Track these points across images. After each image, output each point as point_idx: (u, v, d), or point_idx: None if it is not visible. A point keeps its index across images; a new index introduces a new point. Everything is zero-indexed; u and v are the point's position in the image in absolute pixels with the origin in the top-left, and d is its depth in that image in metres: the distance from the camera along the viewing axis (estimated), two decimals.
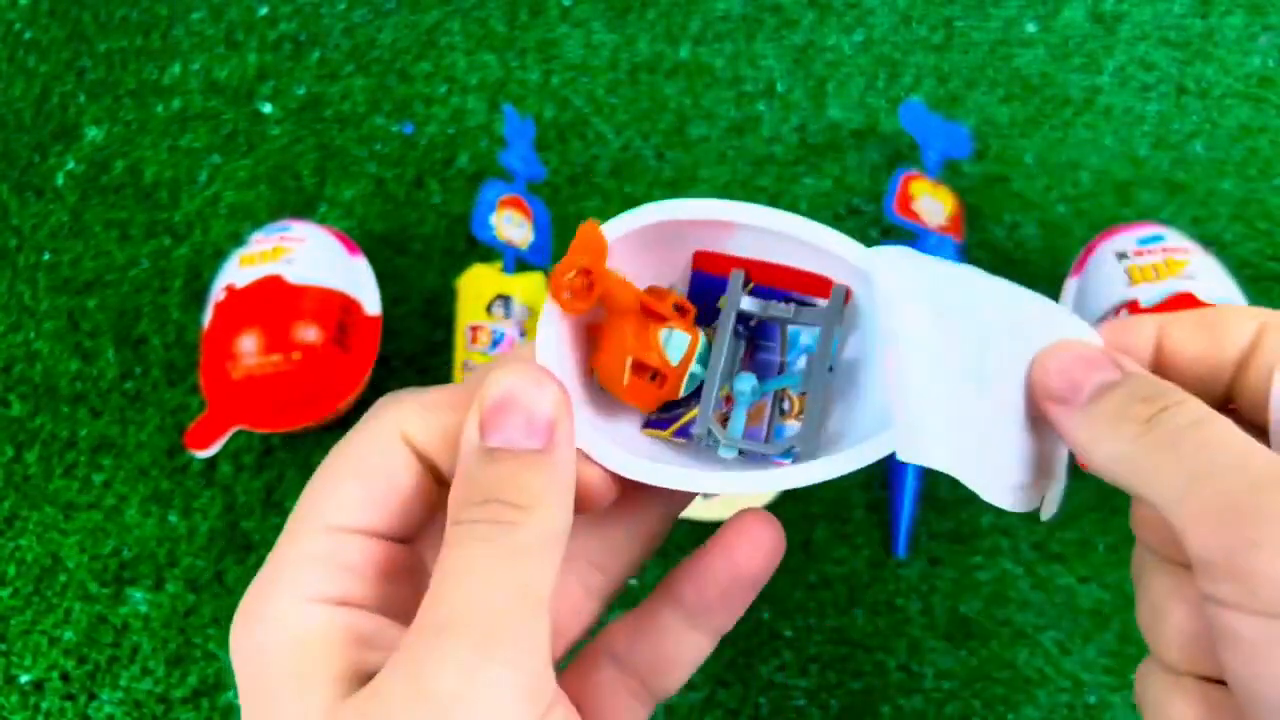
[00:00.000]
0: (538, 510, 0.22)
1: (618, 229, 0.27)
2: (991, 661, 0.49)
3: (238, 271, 0.52)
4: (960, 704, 0.47)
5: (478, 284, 0.54)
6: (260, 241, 0.53)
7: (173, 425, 0.55)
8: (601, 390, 0.28)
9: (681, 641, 0.27)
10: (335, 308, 0.52)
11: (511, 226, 0.55)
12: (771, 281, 0.29)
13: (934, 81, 0.62)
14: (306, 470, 0.54)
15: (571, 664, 0.28)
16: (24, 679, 0.51)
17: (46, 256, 0.60)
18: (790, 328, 0.29)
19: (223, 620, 0.51)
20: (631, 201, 0.60)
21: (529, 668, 0.21)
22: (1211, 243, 0.56)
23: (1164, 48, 0.62)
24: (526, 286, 0.54)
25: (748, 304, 0.29)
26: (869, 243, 0.61)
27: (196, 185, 0.62)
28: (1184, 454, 0.22)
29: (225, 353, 0.50)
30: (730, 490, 0.26)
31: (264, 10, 0.66)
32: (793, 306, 0.28)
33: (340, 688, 0.21)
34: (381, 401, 0.26)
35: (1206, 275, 0.49)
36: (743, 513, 0.27)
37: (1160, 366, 0.26)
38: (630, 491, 0.26)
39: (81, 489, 0.54)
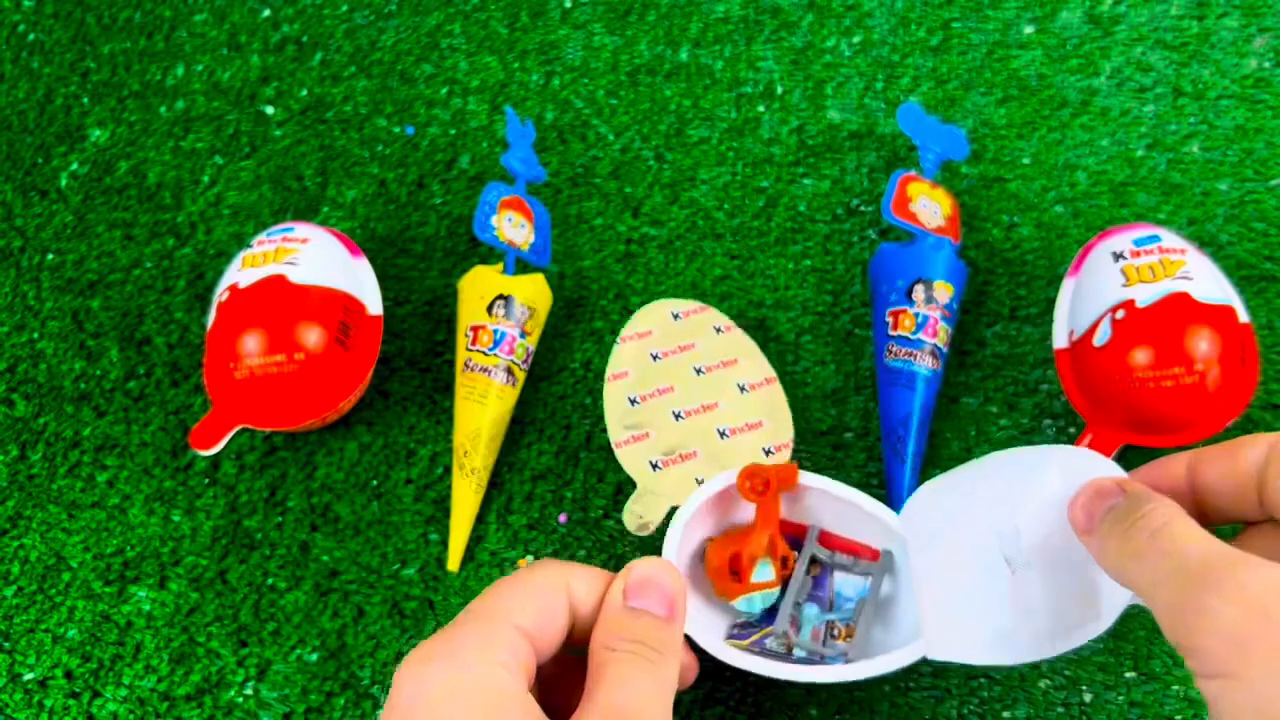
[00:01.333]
0: (669, 655, 0.34)
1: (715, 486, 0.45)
2: None
3: (240, 272, 0.53)
4: (955, 702, 0.48)
5: (479, 284, 0.54)
6: (263, 243, 0.54)
7: (176, 425, 0.56)
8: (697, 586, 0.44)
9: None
10: (338, 308, 0.52)
11: (512, 228, 0.55)
12: (831, 544, 0.46)
13: (932, 83, 0.63)
14: (309, 469, 0.54)
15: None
16: (28, 677, 0.51)
17: (50, 257, 0.61)
18: (838, 581, 0.46)
19: (226, 618, 0.51)
20: (632, 202, 0.60)
21: None
22: (1207, 243, 0.57)
23: (1160, 49, 0.63)
24: (527, 287, 0.54)
25: (819, 552, 0.46)
26: (867, 244, 0.61)
27: (200, 186, 0.62)
28: (1148, 559, 0.29)
29: (229, 353, 0.51)
30: (799, 679, 0.41)
31: (266, 12, 0.67)
32: (851, 558, 0.46)
33: None
34: (550, 561, 0.37)
35: (1202, 276, 0.50)
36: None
37: (1197, 494, 0.34)
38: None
39: (85, 488, 0.55)
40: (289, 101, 0.64)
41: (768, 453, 0.50)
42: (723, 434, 0.50)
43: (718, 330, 0.54)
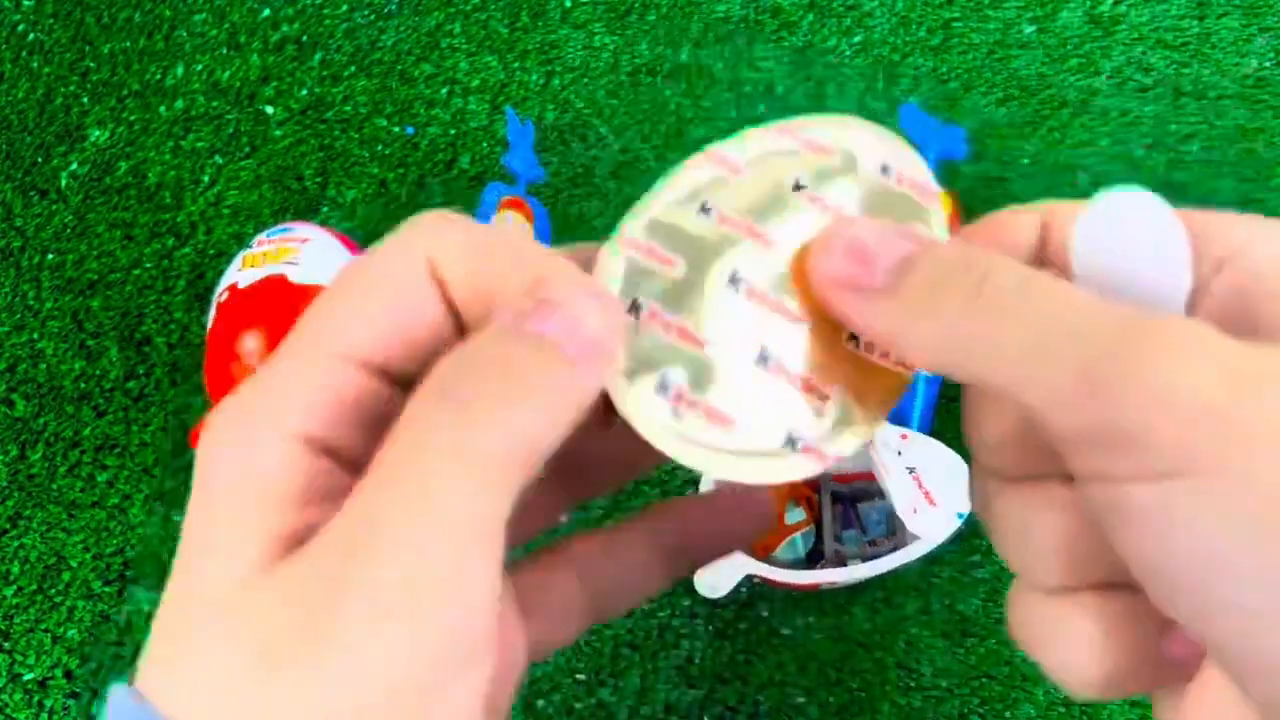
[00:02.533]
0: (519, 400, 0.18)
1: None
2: (989, 659, 0.49)
3: (240, 272, 0.53)
4: (958, 701, 0.48)
5: None
6: (263, 243, 0.54)
7: (176, 424, 0.56)
8: None
9: (648, 575, 0.26)
10: None
11: (513, 228, 0.55)
12: (845, 480, 0.54)
13: (932, 83, 0.63)
14: None
15: (529, 559, 0.26)
16: (28, 677, 0.51)
17: (50, 257, 0.60)
18: (861, 509, 0.53)
19: None
20: (632, 203, 0.60)
21: (458, 612, 0.18)
22: None
23: (1161, 50, 0.62)
24: None
25: (839, 489, 0.53)
26: None
27: (200, 186, 0.62)
28: (1025, 320, 0.18)
29: (228, 353, 0.51)
30: (879, 570, 0.48)
31: (266, 12, 0.66)
32: (865, 484, 0.53)
33: (277, 545, 0.18)
34: (410, 223, 0.22)
35: None
36: (738, 490, 0.26)
37: (1051, 262, 0.22)
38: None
39: (85, 488, 0.55)
40: (289, 101, 0.64)
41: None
42: None
43: None
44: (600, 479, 0.27)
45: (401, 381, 0.20)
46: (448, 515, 0.17)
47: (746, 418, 0.21)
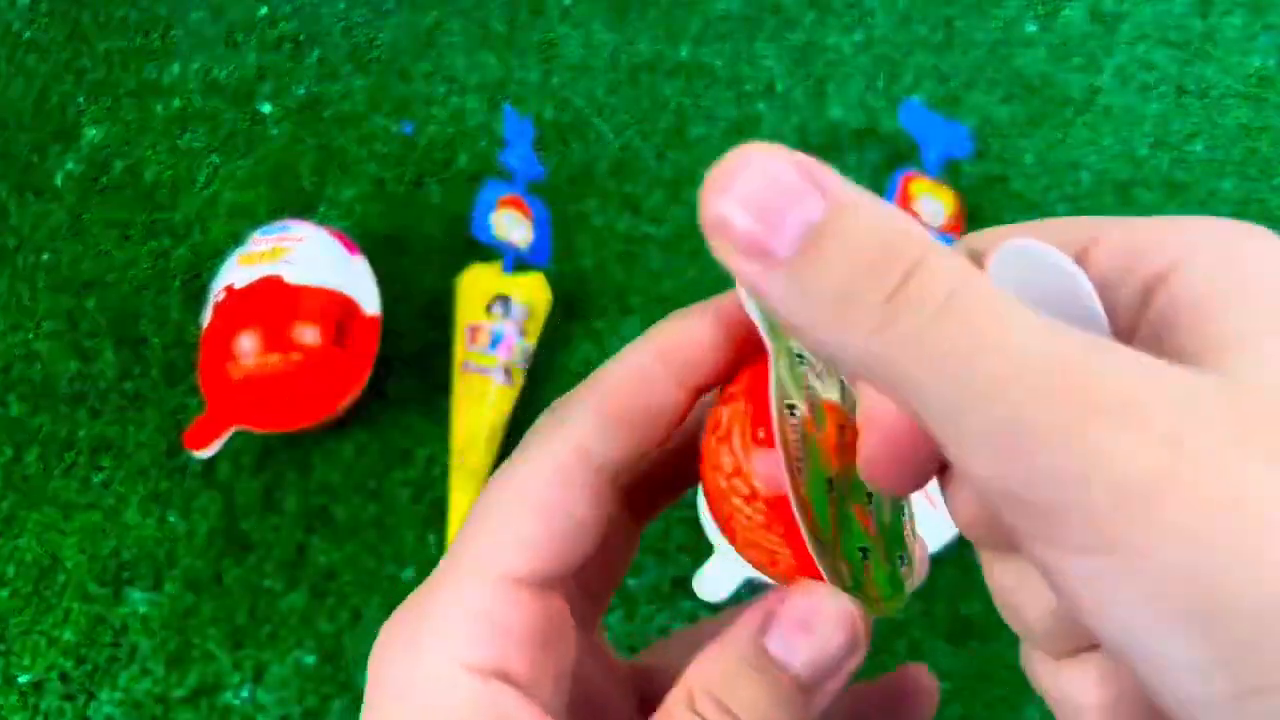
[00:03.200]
0: None
1: None
2: (993, 661, 0.49)
3: (237, 271, 0.52)
4: (962, 704, 0.47)
5: (477, 284, 0.54)
6: (260, 241, 0.53)
7: (172, 425, 0.55)
8: None
9: None
10: (334, 308, 0.51)
11: (511, 226, 0.54)
12: None
13: (934, 81, 0.62)
14: (306, 470, 0.54)
15: None
16: (23, 679, 0.51)
17: (46, 257, 0.60)
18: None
19: (221, 621, 0.51)
20: (632, 201, 0.60)
21: None
22: None
23: (1164, 48, 0.62)
24: (526, 287, 0.54)
25: None
26: None
27: (196, 185, 0.61)
28: (941, 356, 0.15)
29: (224, 353, 0.50)
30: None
31: (263, 10, 0.66)
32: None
33: None
34: (548, 418, 0.21)
35: None
36: (911, 669, 0.25)
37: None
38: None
39: (81, 489, 0.54)
40: (286, 100, 0.63)
41: None
42: None
43: None
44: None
45: (568, 573, 0.21)
46: None
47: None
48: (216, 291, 0.52)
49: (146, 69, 0.65)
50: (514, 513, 0.20)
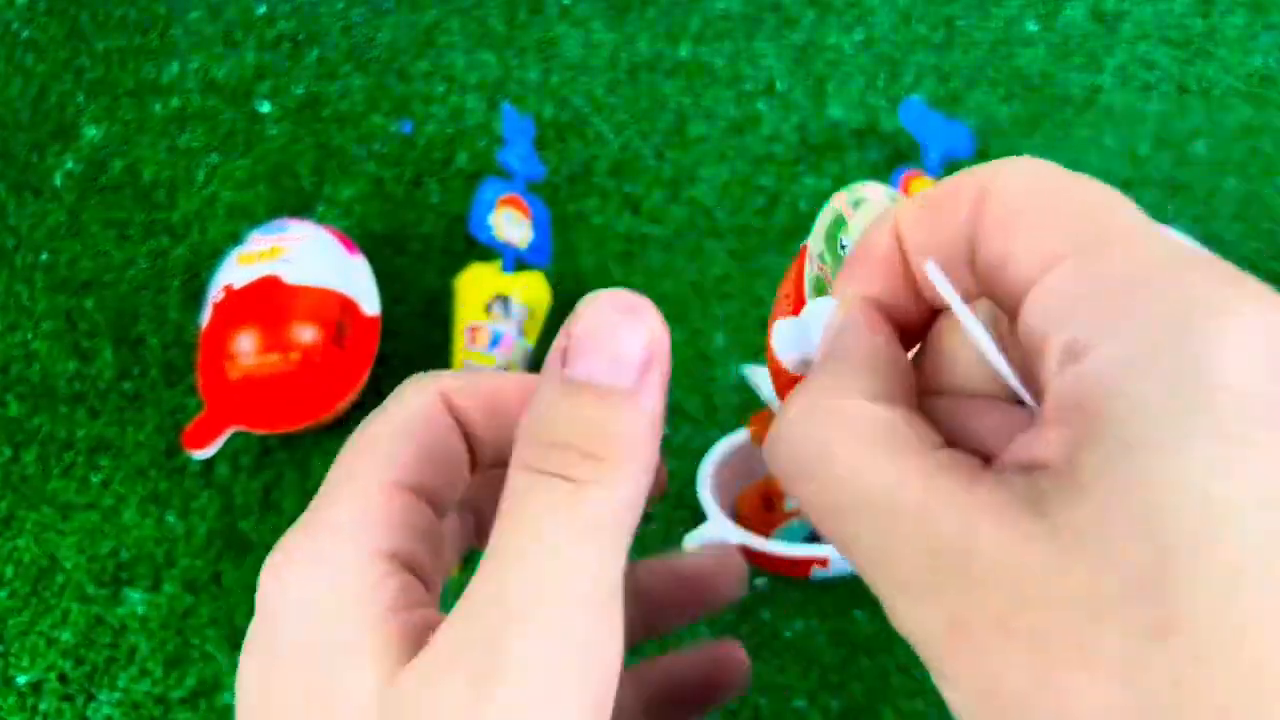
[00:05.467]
0: (616, 466, 0.19)
1: None
2: None
3: (236, 270, 0.52)
4: None
5: (476, 283, 0.54)
6: (258, 240, 0.53)
7: (171, 426, 0.55)
8: None
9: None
10: (333, 308, 0.51)
11: (511, 225, 0.54)
12: None
13: (935, 81, 0.62)
14: (305, 471, 0.53)
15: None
16: (21, 680, 0.50)
17: (44, 256, 0.60)
18: None
19: (220, 621, 0.51)
20: (631, 200, 0.60)
21: (598, 679, 0.19)
22: (1213, 242, 0.56)
23: (1165, 47, 0.62)
24: (526, 286, 0.54)
25: None
26: None
27: (195, 185, 0.61)
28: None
29: (223, 353, 0.50)
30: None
31: (262, 9, 0.66)
32: None
33: (395, 657, 0.19)
34: (413, 378, 0.24)
35: None
36: (725, 643, 0.27)
37: (911, 269, 0.20)
38: None
39: (79, 489, 0.54)
40: (285, 99, 0.63)
41: None
42: None
43: None
44: (668, 618, 0.27)
45: (440, 502, 0.23)
46: (578, 590, 0.18)
47: None
48: (215, 291, 0.52)
49: (145, 68, 0.65)
50: (392, 436, 0.22)
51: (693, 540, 0.48)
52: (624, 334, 0.20)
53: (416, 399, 0.23)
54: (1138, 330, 0.15)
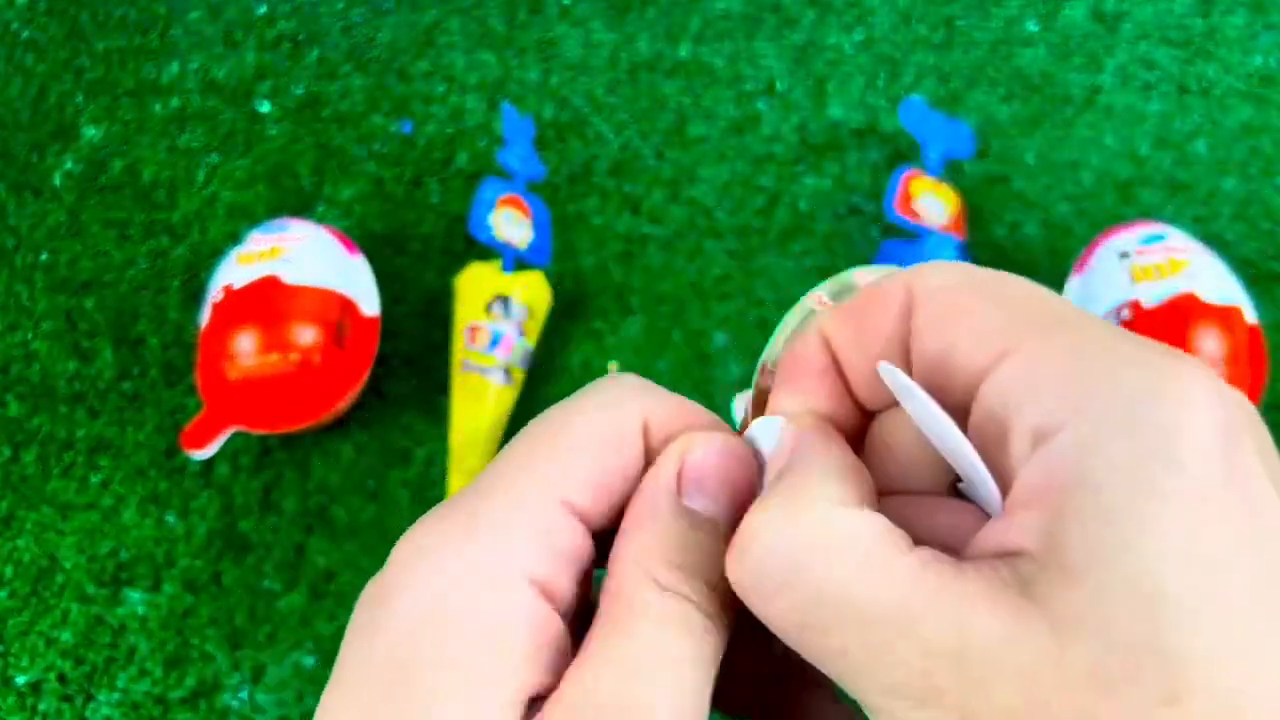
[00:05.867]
0: (726, 611, 0.19)
1: None
2: None
3: (235, 270, 0.52)
4: None
5: (476, 283, 0.54)
6: (258, 240, 0.53)
7: (170, 426, 0.55)
8: None
9: None
10: (333, 308, 0.51)
11: (511, 225, 0.54)
12: None
13: (935, 80, 0.62)
14: (304, 471, 0.53)
15: None
16: (21, 680, 0.50)
17: (44, 256, 0.60)
18: None
19: (220, 621, 0.51)
20: (631, 200, 0.60)
21: None
22: (1214, 242, 0.56)
23: (1165, 46, 0.62)
24: (525, 286, 0.54)
25: None
26: (870, 243, 0.61)
27: (194, 185, 0.61)
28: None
29: (222, 353, 0.50)
30: None
31: (262, 9, 0.66)
32: None
33: (519, 706, 0.17)
34: (618, 378, 0.21)
35: (1208, 274, 0.49)
36: None
37: (846, 374, 0.20)
38: None
39: (79, 489, 0.54)
40: (284, 99, 0.63)
41: None
42: None
43: None
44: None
45: (606, 530, 0.20)
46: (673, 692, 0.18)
47: None
48: (215, 291, 0.52)
49: (145, 68, 0.65)
50: (577, 447, 0.20)
51: None
52: (745, 473, 0.20)
53: (614, 417, 0.20)
54: (1102, 407, 0.16)
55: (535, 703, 0.18)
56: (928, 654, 0.15)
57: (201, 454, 0.51)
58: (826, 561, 0.17)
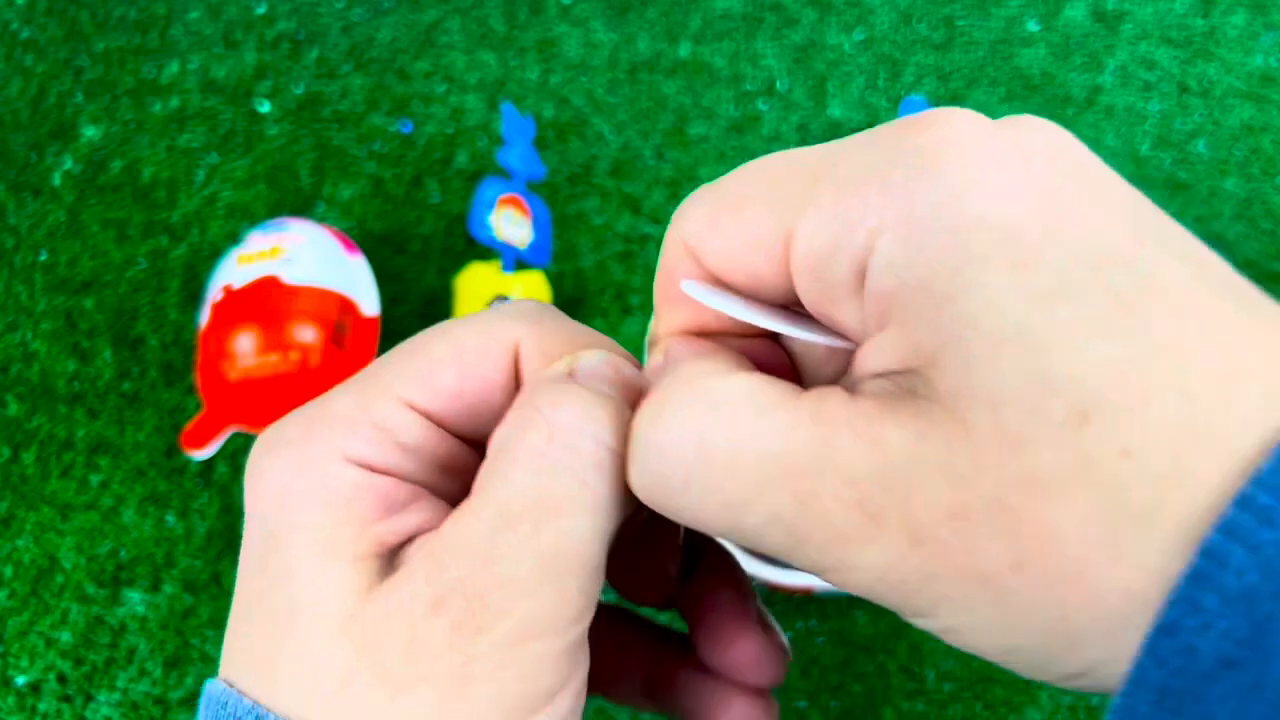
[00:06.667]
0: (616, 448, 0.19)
1: None
2: (993, 664, 0.49)
3: (235, 270, 0.52)
4: (962, 706, 0.47)
5: (476, 283, 0.54)
6: (258, 240, 0.53)
7: (170, 426, 0.55)
8: None
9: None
10: (333, 308, 0.51)
11: (511, 225, 0.54)
12: None
13: (935, 80, 0.62)
14: None
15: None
16: (20, 681, 0.50)
17: (44, 256, 0.60)
18: None
19: (220, 621, 0.51)
20: (631, 200, 0.60)
21: (571, 626, 0.19)
22: (1214, 242, 0.56)
23: (1166, 46, 0.62)
24: (526, 286, 0.54)
25: None
26: None
27: (194, 184, 0.61)
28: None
29: (222, 353, 0.50)
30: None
31: (262, 9, 0.66)
32: None
33: (363, 569, 0.19)
34: (503, 309, 0.22)
35: None
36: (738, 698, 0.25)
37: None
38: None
39: (79, 490, 0.54)
40: (284, 99, 0.63)
41: None
42: None
43: None
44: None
45: (475, 441, 0.22)
46: (573, 551, 0.18)
47: None
48: (214, 291, 0.52)
49: (145, 68, 0.65)
50: (440, 359, 0.21)
51: None
52: (633, 373, 0.21)
53: (484, 337, 0.21)
54: (892, 214, 0.16)
55: (399, 550, 0.19)
56: (854, 481, 0.15)
57: (201, 454, 0.51)
58: (730, 424, 0.17)
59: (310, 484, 0.20)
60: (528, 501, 0.18)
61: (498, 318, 0.22)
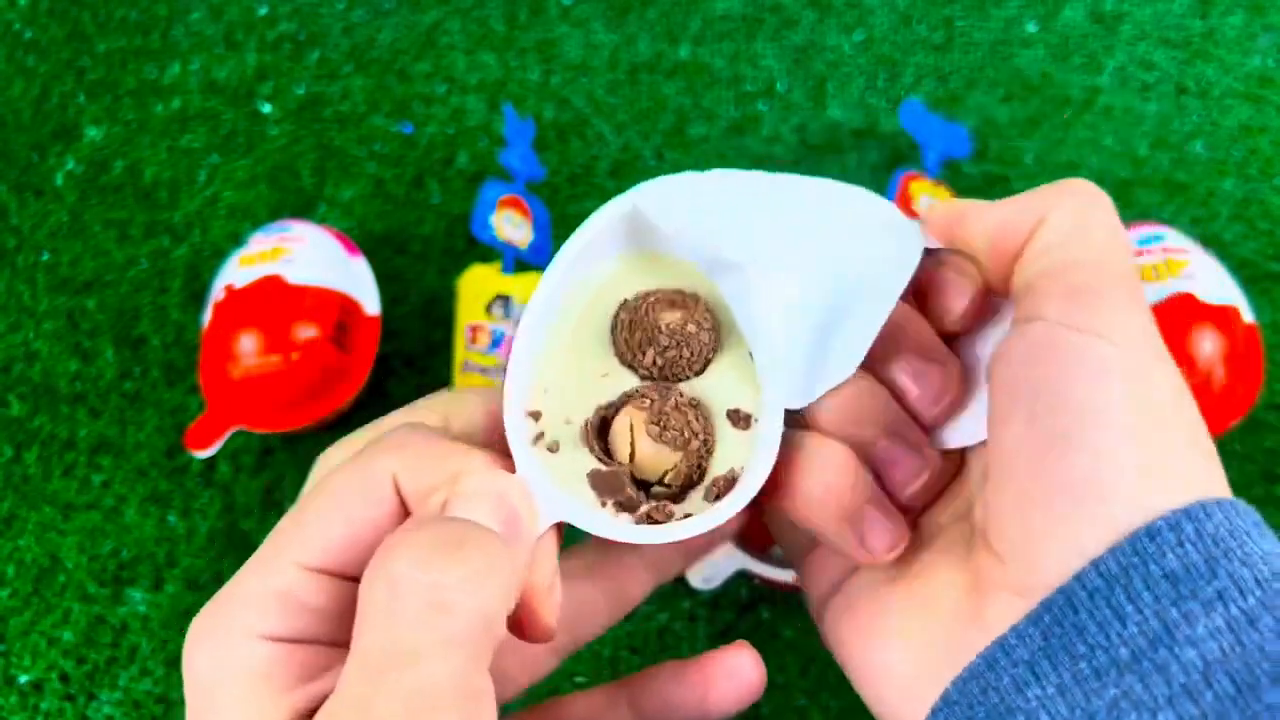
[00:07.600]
0: (493, 575, 0.21)
1: None
2: None
3: (237, 271, 0.52)
4: None
5: (477, 284, 0.54)
6: (260, 241, 0.53)
7: (172, 425, 0.55)
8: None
9: None
10: (334, 308, 0.51)
11: (511, 226, 0.54)
12: None
13: (934, 81, 0.62)
14: (305, 471, 0.53)
15: (521, 715, 0.28)
16: (23, 679, 0.51)
17: (46, 256, 0.60)
18: None
19: None
20: None
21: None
22: (1211, 243, 0.56)
23: (1164, 47, 0.62)
24: (526, 286, 0.54)
25: None
26: None
27: (196, 185, 0.61)
28: None
29: (224, 353, 0.50)
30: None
31: (263, 10, 0.66)
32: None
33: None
34: (376, 443, 0.24)
35: (1206, 275, 0.49)
36: (732, 648, 0.28)
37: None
38: (611, 559, 0.29)
39: (80, 489, 0.54)
40: (285, 99, 0.63)
41: None
42: None
43: None
44: (594, 625, 0.29)
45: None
46: (435, 690, 0.20)
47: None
48: (216, 291, 0.52)
49: (146, 69, 0.65)
50: (326, 516, 0.23)
51: (694, 575, 0.48)
52: (509, 492, 0.24)
53: (364, 485, 0.24)
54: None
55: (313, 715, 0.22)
56: None
57: (203, 454, 0.51)
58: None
59: (231, 668, 0.22)
60: (385, 653, 0.20)
61: (371, 456, 0.24)
